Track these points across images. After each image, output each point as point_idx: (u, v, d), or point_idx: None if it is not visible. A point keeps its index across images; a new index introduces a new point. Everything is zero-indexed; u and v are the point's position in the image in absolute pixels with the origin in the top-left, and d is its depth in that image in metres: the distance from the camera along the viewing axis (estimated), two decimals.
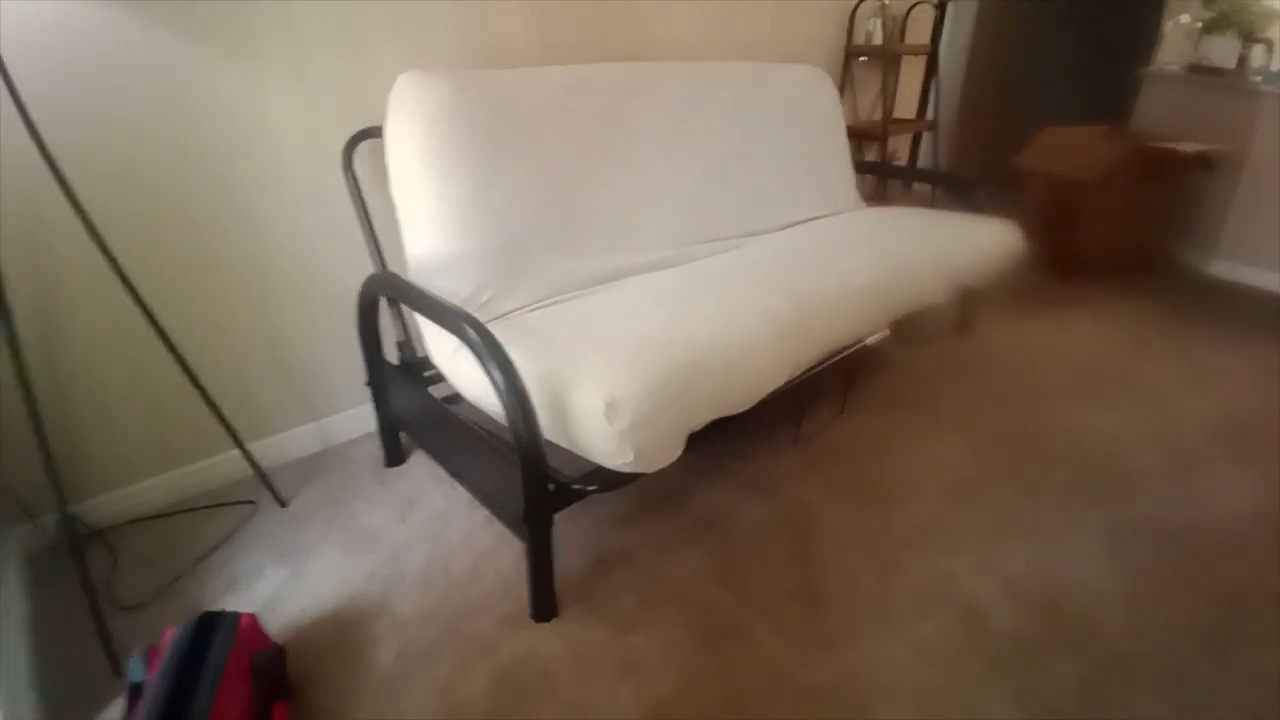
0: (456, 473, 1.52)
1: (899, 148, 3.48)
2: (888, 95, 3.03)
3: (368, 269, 1.68)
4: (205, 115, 1.48)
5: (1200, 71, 3.30)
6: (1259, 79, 3.12)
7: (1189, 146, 3.06)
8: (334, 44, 1.60)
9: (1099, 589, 1.42)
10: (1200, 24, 3.39)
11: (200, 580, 1.45)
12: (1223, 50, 3.28)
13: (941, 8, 3.22)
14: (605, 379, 1.19)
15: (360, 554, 1.50)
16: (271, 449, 1.79)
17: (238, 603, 1.38)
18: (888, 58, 3.02)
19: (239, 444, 1.58)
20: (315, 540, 1.55)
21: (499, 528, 1.54)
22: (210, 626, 1.14)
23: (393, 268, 1.68)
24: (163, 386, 1.56)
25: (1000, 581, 1.43)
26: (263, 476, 1.64)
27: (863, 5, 2.83)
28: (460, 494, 1.67)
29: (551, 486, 1.22)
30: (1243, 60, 3.24)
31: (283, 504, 1.65)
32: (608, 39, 2.13)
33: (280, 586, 1.43)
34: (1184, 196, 3.24)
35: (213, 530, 1.58)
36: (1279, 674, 1.23)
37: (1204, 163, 3.10)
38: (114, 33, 1.34)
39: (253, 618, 1.21)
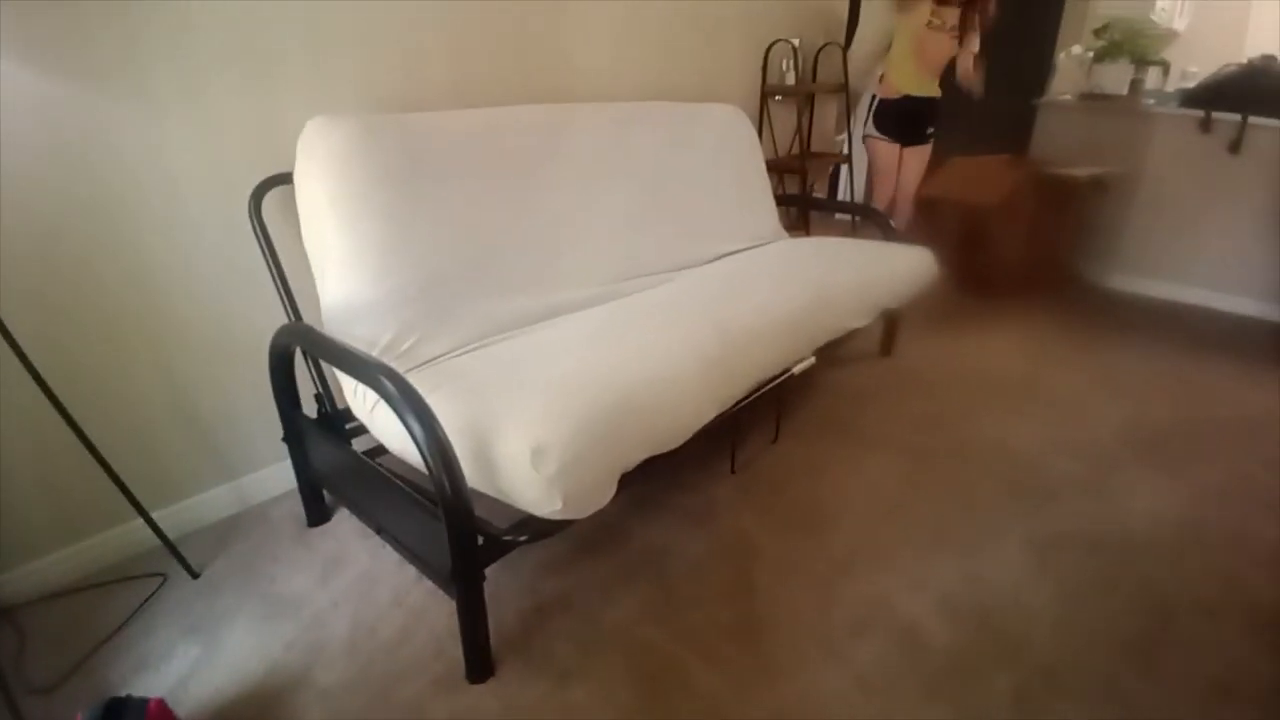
0: (382, 530, 1.46)
1: (819, 180, 3.61)
2: (803, 131, 3.15)
3: (282, 320, 1.62)
4: (100, 164, 1.41)
5: (1092, 99, 3.54)
6: (1151, 101, 3.34)
7: (1084, 171, 3.28)
8: (241, 89, 1.55)
9: (1028, 601, 1.46)
10: (1091, 54, 3.62)
11: (110, 660, 1.34)
12: (1114, 77, 3.48)
13: (849, 47, 3.38)
14: (530, 424, 1.16)
15: (279, 622, 1.42)
16: (184, 514, 1.68)
17: (148, 683, 1.28)
18: (801, 96, 3.15)
19: (142, 512, 1.48)
20: (230, 611, 1.45)
21: (431, 583, 1.48)
22: (117, 714, 1.07)
23: (310, 317, 1.63)
24: (60, 453, 1.44)
25: (934, 599, 1.46)
26: (170, 546, 1.53)
27: (775, 46, 2.94)
28: (390, 551, 1.60)
29: (480, 540, 1.18)
30: (1135, 84, 3.45)
31: (194, 574, 1.55)
32: (528, 82, 2.14)
33: (193, 664, 1.33)
34: (1081, 218, 3.45)
35: (121, 605, 1.47)
36: (1205, 679, 1.28)
37: (1098, 186, 3.32)
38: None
39: (160, 703, 1.13)
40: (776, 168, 3.01)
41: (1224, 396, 2.37)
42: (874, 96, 3.09)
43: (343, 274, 1.48)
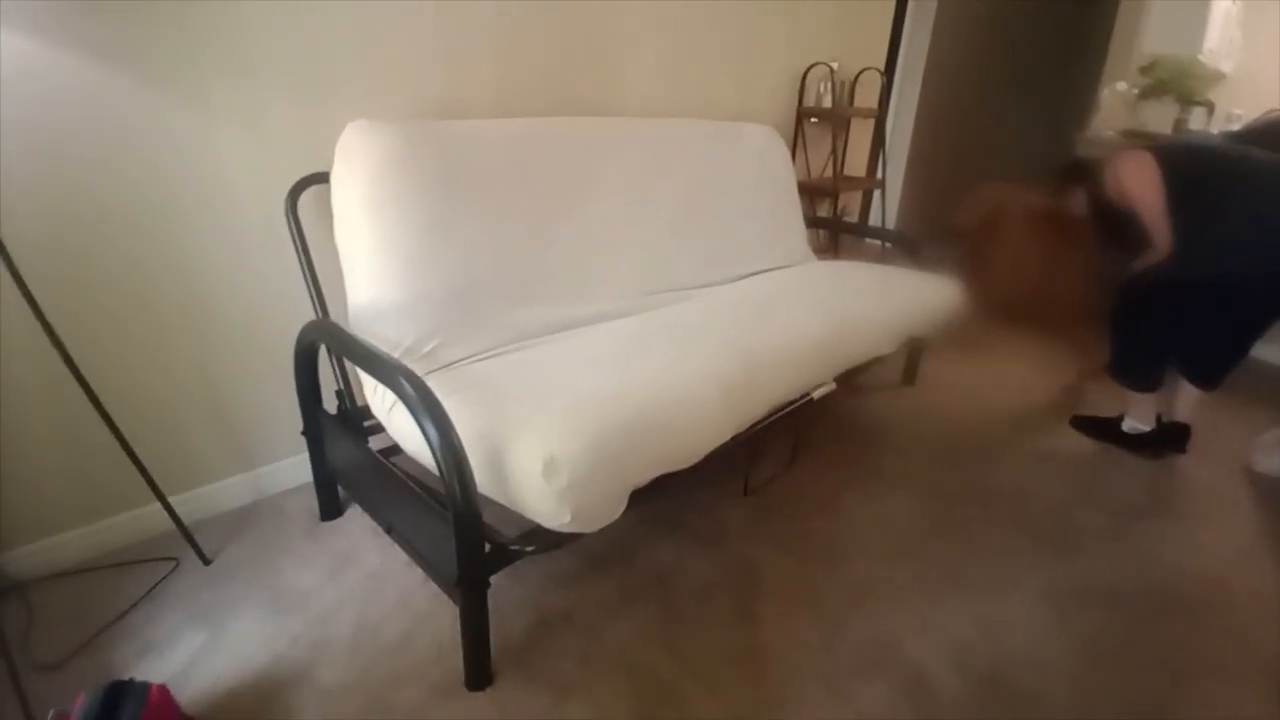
0: (391, 529, 1.47)
1: (850, 204, 3.58)
2: (837, 154, 3.13)
3: (310, 316, 1.63)
4: (153, 157, 1.45)
5: (1136, 136, 3.47)
6: None
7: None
8: (291, 90, 1.58)
9: (1042, 655, 1.42)
10: (1137, 90, 3.55)
11: (116, 641, 1.36)
12: (1159, 115, 3.39)
13: (888, 74, 3.36)
14: (545, 435, 1.16)
15: (285, 616, 1.42)
16: (202, 500, 1.70)
17: (152, 668, 1.29)
18: (837, 120, 3.13)
19: (160, 496, 1.50)
20: (237, 601, 1.46)
21: (437, 587, 1.48)
22: (119, 697, 1.08)
23: (338, 315, 1.65)
24: (86, 432, 1.47)
25: (944, 645, 1.42)
26: (185, 531, 1.55)
27: (813, 69, 2.94)
28: (399, 551, 1.61)
29: (487, 547, 1.18)
30: (1179, 124, 3.36)
31: (206, 561, 1.57)
32: (571, 93, 2.16)
33: (197, 651, 1.34)
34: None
35: (132, 588, 1.49)
36: None
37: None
38: (60, 70, 1.30)
39: (163, 689, 1.13)
40: (809, 190, 3.00)
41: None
42: None
43: (371, 275, 1.50)
